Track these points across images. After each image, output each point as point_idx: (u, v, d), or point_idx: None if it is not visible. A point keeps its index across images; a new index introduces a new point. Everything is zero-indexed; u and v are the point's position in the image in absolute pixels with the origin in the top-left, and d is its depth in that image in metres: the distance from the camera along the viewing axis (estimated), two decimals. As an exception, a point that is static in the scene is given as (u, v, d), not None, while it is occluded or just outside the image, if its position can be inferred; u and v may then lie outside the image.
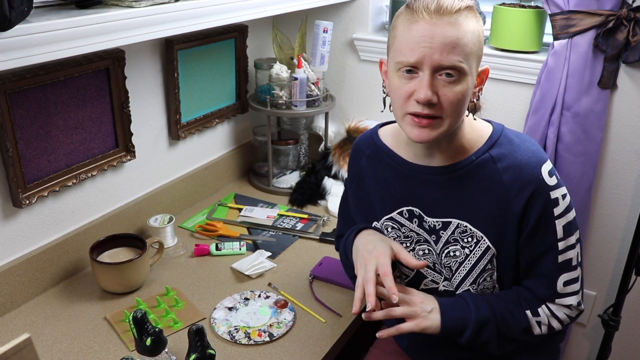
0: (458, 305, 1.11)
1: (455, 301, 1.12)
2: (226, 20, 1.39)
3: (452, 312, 1.10)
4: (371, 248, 1.13)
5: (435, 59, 0.96)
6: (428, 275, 1.21)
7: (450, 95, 0.99)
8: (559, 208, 1.08)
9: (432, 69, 0.97)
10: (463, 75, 0.99)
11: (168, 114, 1.70)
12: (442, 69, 0.98)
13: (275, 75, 1.82)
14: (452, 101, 0.99)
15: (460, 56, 0.97)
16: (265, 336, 1.27)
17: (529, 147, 1.10)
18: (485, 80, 1.09)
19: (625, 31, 1.50)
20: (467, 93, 1.01)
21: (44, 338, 1.26)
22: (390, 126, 1.25)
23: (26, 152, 1.30)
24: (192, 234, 1.70)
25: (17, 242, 1.35)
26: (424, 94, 0.98)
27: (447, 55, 0.96)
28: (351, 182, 1.29)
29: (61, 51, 1.03)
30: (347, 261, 1.25)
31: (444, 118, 1.01)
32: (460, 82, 0.99)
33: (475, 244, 1.12)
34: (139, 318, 1.10)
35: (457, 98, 0.99)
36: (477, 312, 1.09)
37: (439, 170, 1.13)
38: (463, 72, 0.98)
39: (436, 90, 0.99)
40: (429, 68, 0.97)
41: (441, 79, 0.98)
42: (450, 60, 0.97)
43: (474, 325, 1.09)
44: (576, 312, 1.15)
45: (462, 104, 1.01)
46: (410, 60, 0.98)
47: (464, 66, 0.98)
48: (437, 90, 0.99)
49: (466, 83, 1.00)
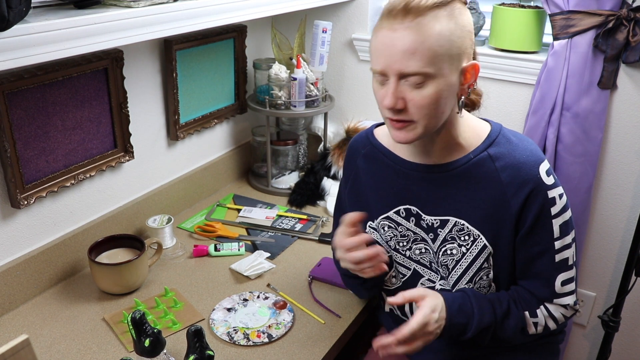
0: (463, 312, 1.09)
1: (461, 306, 1.09)
2: (225, 21, 1.39)
3: (457, 319, 1.08)
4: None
5: (396, 67, 0.97)
6: (425, 274, 1.21)
7: (417, 99, 0.99)
8: (556, 207, 1.08)
9: (396, 76, 0.98)
10: (431, 78, 0.97)
11: (167, 115, 1.70)
12: (406, 76, 0.98)
13: (274, 76, 1.82)
14: (420, 105, 0.99)
15: (423, 61, 0.96)
16: (264, 337, 1.27)
17: (527, 147, 1.10)
18: (476, 75, 1.05)
19: (625, 31, 1.50)
20: (440, 94, 0.99)
21: (42, 339, 1.26)
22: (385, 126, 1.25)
23: (24, 153, 1.29)
24: (190, 235, 1.70)
25: (15, 243, 1.35)
26: (387, 101, 0.99)
27: (407, 61, 0.96)
28: (346, 182, 1.29)
29: (59, 51, 1.02)
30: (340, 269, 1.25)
31: (416, 121, 1.01)
32: (427, 85, 0.98)
33: (472, 242, 1.12)
34: (138, 319, 1.09)
35: (426, 102, 0.99)
36: (479, 319, 1.09)
37: (436, 168, 1.13)
38: (429, 75, 0.97)
39: (403, 95, 0.99)
40: (393, 75, 0.98)
41: (407, 84, 0.99)
42: (411, 66, 0.96)
43: (474, 331, 1.09)
44: (572, 312, 1.16)
45: (433, 106, 1.00)
46: (377, 68, 1.00)
47: (428, 70, 0.96)
48: (404, 95, 0.99)
49: (436, 85, 0.98)
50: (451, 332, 1.09)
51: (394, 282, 1.26)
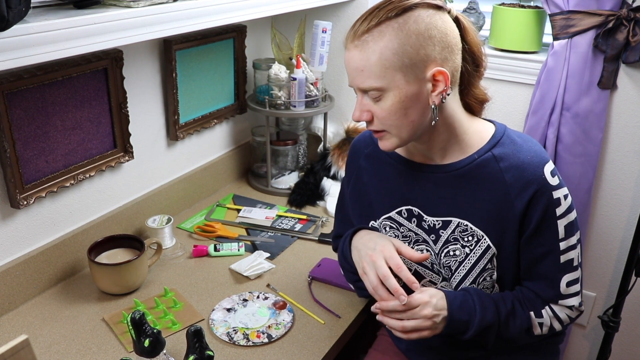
0: (465, 308, 1.09)
1: (462, 303, 1.10)
2: (224, 21, 1.39)
3: (458, 315, 1.08)
4: (373, 245, 1.13)
5: (355, 83, 1.05)
6: (426, 275, 1.21)
7: (378, 111, 1.04)
8: (561, 208, 1.08)
9: (359, 91, 1.05)
10: (385, 91, 1.01)
11: (166, 115, 1.70)
12: (365, 91, 1.04)
13: (273, 76, 1.82)
14: (382, 117, 1.04)
15: (371, 78, 1.01)
16: (263, 337, 1.27)
17: (531, 147, 1.10)
18: (447, 81, 1.00)
19: (625, 31, 1.50)
20: (402, 105, 1.01)
21: (41, 339, 1.25)
22: None
23: (24, 153, 1.29)
24: (190, 235, 1.69)
25: (14, 243, 1.35)
26: (354, 114, 1.07)
27: (359, 78, 1.03)
28: (348, 181, 1.29)
29: (59, 51, 1.02)
30: (347, 265, 1.24)
31: (387, 130, 1.06)
32: (384, 98, 1.02)
33: (476, 243, 1.12)
34: (137, 319, 1.09)
35: (387, 113, 1.03)
36: (482, 316, 1.09)
37: (440, 169, 1.12)
38: (382, 89, 1.01)
39: (368, 108, 1.05)
40: (357, 91, 1.06)
41: (369, 98, 1.04)
42: (362, 82, 1.02)
43: (477, 329, 1.08)
44: (577, 313, 1.16)
45: (396, 116, 1.03)
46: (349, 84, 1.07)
47: (378, 85, 1.01)
48: (369, 108, 1.05)
49: (392, 97, 1.01)
50: (453, 329, 1.09)
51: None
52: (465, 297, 1.10)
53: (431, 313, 1.06)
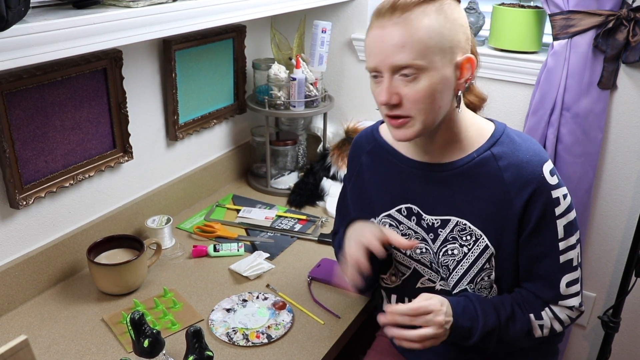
0: (467, 314, 1.08)
1: (464, 309, 1.09)
2: (224, 21, 1.39)
3: (462, 321, 1.08)
4: (360, 230, 1.15)
5: (389, 61, 0.99)
6: (425, 273, 1.21)
7: (411, 93, 0.99)
8: (560, 208, 1.08)
9: (390, 71, 1.00)
10: (423, 71, 0.98)
11: (166, 115, 1.69)
12: (399, 69, 0.99)
13: (273, 76, 1.82)
14: (414, 99, 0.99)
15: (413, 53, 0.97)
16: (263, 338, 1.26)
17: (530, 147, 1.10)
18: (473, 70, 1.04)
19: (625, 31, 1.50)
20: (435, 88, 0.99)
21: (41, 340, 1.25)
22: None
23: (23, 153, 1.29)
24: (190, 235, 1.69)
25: (14, 243, 1.35)
26: (381, 96, 1.01)
27: (398, 55, 0.97)
28: (350, 178, 1.29)
29: (58, 51, 1.02)
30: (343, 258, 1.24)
31: (413, 116, 1.02)
32: (420, 79, 0.99)
33: (474, 242, 1.11)
34: (137, 320, 1.09)
35: (420, 95, 0.99)
36: (484, 322, 1.08)
37: (439, 167, 1.12)
38: (422, 68, 0.98)
39: (397, 91, 1.00)
40: (386, 71, 1.00)
41: (401, 79, 1.00)
42: (402, 59, 0.97)
43: (480, 335, 1.08)
44: (577, 313, 1.15)
45: (428, 100, 1.00)
46: (371, 65, 1.02)
47: (419, 63, 0.97)
48: (398, 91, 1.00)
49: (429, 79, 0.99)
50: (456, 336, 1.08)
51: (394, 280, 1.26)
52: (466, 303, 1.10)
53: (444, 320, 1.05)
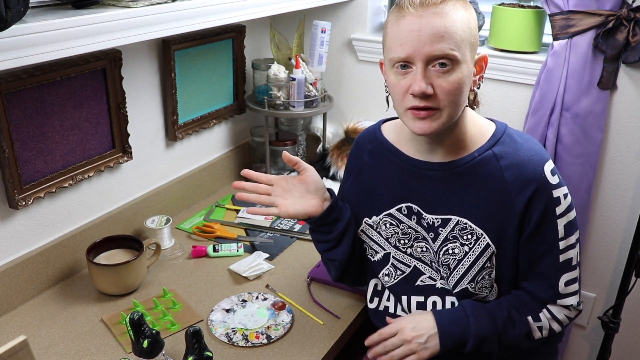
0: (457, 322, 1.11)
1: (454, 317, 1.12)
2: (223, 21, 1.39)
3: (451, 330, 1.10)
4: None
5: (425, 50, 0.97)
6: (425, 271, 1.21)
7: (445, 85, 0.99)
8: (561, 207, 1.08)
9: (424, 61, 0.98)
10: (457, 63, 0.99)
11: (165, 115, 1.69)
12: (435, 60, 0.98)
13: (272, 76, 1.82)
14: (448, 91, 0.99)
15: (451, 44, 0.97)
16: (262, 338, 1.26)
17: (531, 146, 1.10)
18: (485, 67, 1.09)
19: (625, 31, 1.50)
20: (464, 81, 1.01)
21: (40, 340, 1.25)
22: (392, 122, 1.25)
23: (22, 153, 1.29)
24: (189, 236, 1.69)
25: (13, 243, 1.35)
26: (418, 86, 0.98)
27: (436, 44, 0.97)
28: (349, 175, 1.29)
29: (58, 51, 1.02)
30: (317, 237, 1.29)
31: (442, 109, 1.01)
32: (454, 71, 0.99)
33: (475, 241, 1.11)
34: (136, 320, 1.09)
35: (454, 87, 0.99)
36: (476, 327, 1.09)
37: (440, 166, 1.13)
38: (456, 60, 0.98)
39: (431, 81, 0.99)
40: (421, 60, 0.98)
41: (435, 70, 0.99)
42: (440, 49, 0.97)
43: (474, 340, 1.09)
44: (575, 313, 1.16)
45: (459, 93, 1.01)
46: (402, 55, 0.99)
47: (456, 54, 0.98)
48: (431, 81, 0.99)
49: (461, 71, 0.99)
50: (449, 345, 1.10)
51: (387, 280, 1.25)
52: (457, 311, 1.13)
53: (410, 335, 1.11)
